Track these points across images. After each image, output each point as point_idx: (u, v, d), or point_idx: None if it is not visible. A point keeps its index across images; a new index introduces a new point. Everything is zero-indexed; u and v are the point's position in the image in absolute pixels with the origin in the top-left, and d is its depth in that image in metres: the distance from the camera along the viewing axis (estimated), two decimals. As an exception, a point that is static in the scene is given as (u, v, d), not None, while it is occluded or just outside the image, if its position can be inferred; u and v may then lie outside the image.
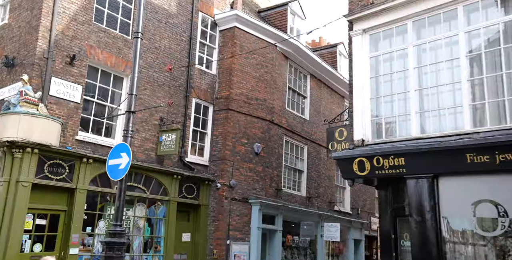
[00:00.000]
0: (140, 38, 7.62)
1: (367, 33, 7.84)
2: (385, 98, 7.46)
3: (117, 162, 6.88)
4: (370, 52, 7.78)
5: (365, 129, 7.44)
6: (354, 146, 7.41)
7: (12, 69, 10.24)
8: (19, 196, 8.73)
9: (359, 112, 7.54)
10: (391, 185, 7.22)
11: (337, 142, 8.88)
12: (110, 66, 11.14)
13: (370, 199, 21.93)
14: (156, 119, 12.07)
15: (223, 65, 14.13)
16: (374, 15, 7.69)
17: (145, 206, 11.49)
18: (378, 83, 7.61)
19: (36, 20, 9.95)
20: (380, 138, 7.35)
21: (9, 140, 8.68)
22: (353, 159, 7.11)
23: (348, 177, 7.32)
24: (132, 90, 7.43)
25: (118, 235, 6.46)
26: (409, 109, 7.11)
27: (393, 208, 7.20)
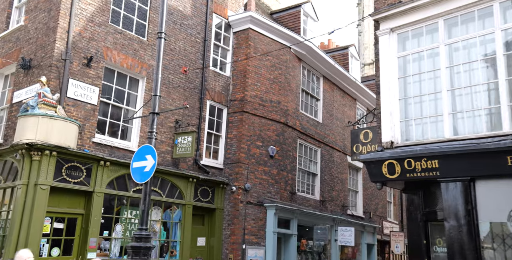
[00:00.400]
0: (163, 38, 7.47)
1: (395, 32, 7.67)
2: (415, 98, 7.28)
3: (142, 165, 6.72)
4: (398, 52, 7.61)
5: (394, 131, 7.26)
6: (383, 148, 7.23)
7: (29, 71, 10.12)
8: (38, 199, 8.58)
9: (388, 113, 7.36)
10: (421, 188, 7.02)
11: (362, 144, 8.69)
12: (126, 68, 11.01)
13: (382, 203, 21.73)
14: (171, 122, 11.93)
15: (237, 67, 14.00)
16: (402, 13, 7.52)
17: (160, 210, 11.32)
18: (407, 84, 7.43)
19: (54, 22, 9.84)
20: (410, 140, 7.17)
21: (28, 143, 8.53)
22: (383, 162, 6.93)
23: (377, 180, 7.13)
24: (155, 91, 7.28)
25: (144, 239, 6.29)
26: (441, 110, 6.92)
27: (424, 212, 7.01)
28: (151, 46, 11.73)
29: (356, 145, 8.84)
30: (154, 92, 7.27)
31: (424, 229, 6.92)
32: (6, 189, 9.38)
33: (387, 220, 22.30)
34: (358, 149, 8.78)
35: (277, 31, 14.66)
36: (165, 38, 7.57)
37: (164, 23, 7.57)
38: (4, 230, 8.92)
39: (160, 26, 7.56)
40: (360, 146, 8.75)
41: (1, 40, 11.67)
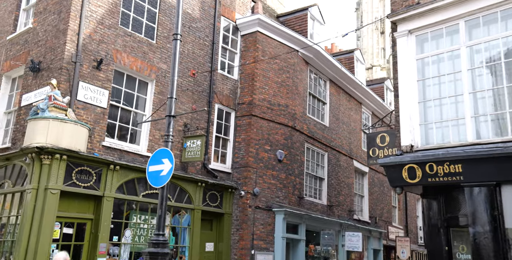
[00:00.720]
0: (179, 40, 7.35)
1: (413, 34, 7.57)
2: (435, 101, 7.16)
3: (158, 169, 6.58)
4: (416, 54, 7.50)
5: (414, 134, 7.13)
6: (402, 152, 7.10)
7: (38, 74, 9.98)
8: (48, 204, 8.41)
9: (407, 117, 7.24)
10: (442, 193, 6.89)
11: (378, 148, 8.56)
12: (135, 71, 10.88)
13: (387, 208, 21.59)
14: (180, 125, 11.79)
15: (245, 70, 13.89)
16: (420, 15, 7.42)
17: (169, 215, 11.15)
18: (426, 86, 7.32)
19: (64, 24, 9.71)
20: (431, 143, 7.04)
21: (38, 146, 8.38)
22: (403, 166, 6.80)
23: (396, 185, 6.99)
24: (171, 94, 7.14)
25: (162, 245, 6.14)
26: (462, 113, 6.81)
27: (446, 218, 6.87)
28: (160, 49, 11.61)
29: (372, 149, 8.71)
30: (170, 95, 7.13)
31: (445, 235, 6.77)
32: (15, 194, 9.21)
33: (392, 225, 22.14)
34: (374, 153, 8.65)
35: (285, 34, 14.57)
36: (180, 40, 7.45)
37: (180, 25, 7.47)
38: (13, 235, 8.75)
39: (176, 27, 7.46)
40: (376, 150, 8.62)
41: (8, 43, 11.54)
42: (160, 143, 11.14)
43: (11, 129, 10.60)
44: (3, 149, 10.20)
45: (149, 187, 10.57)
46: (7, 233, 8.96)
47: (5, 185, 9.55)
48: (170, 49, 11.87)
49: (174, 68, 7.22)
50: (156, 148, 11.00)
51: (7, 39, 11.61)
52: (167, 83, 11.63)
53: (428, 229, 7.20)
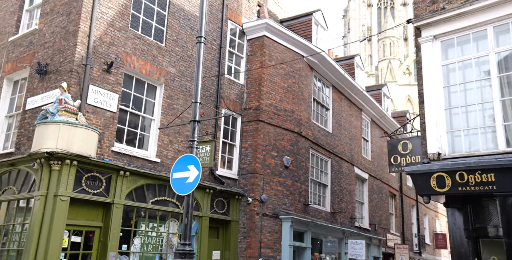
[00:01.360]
0: (203, 43, 7.14)
1: (438, 40, 7.47)
2: (462, 108, 7.05)
3: (183, 176, 6.33)
4: (442, 60, 7.40)
5: (441, 142, 7.00)
6: (429, 160, 6.96)
7: (45, 77, 9.65)
8: (58, 211, 8.07)
9: (433, 124, 7.12)
10: (470, 203, 6.75)
11: (400, 155, 8.42)
12: (145, 74, 10.62)
13: (385, 215, 21.51)
14: (188, 130, 11.52)
15: (251, 75, 13.70)
16: (446, 20, 7.33)
17: (177, 222, 10.85)
18: (452, 93, 7.21)
19: (74, 25, 9.42)
20: (458, 151, 6.92)
21: (48, 151, 8.05)
22: (431, 174, 6.65)
23: (424, 194, 6.84)
24: (196, 98, 6.92)
25: (188, 255, 5.89)
26: (491, 120, 6.70)
27: (475, 228, 6.73)
28: (169, 52, 11.37)
29: (394, 156, 8.57)
30: (195, 99, 6.91)
31: (474, 246, 6.63)
32: (20, 201, 8.84)
33: (390, 232, 22.07)
34: (396, 161, 8.51)
35: (291, 39, 14.44)
36: (204, 43, 7.23)
37: (203, 27, 7.27)
38: (19, 244, 8.37)
39: (200, 30, 7.27)
40: (398, 158, 8.48)
41: (10, 44, 11.18)
42: (168, 148, 10.87)
43: (14, 134, 10.23)
44: (5, 154, 9.81)
45: (158, 194, 10.29)
46: (12, 242, 8.57)
47: (9, 192, 9.16)
48: (179, 53, 11.64)
49: (198, 72, 7.00)
50: (165, 153, 10.73)
51: (9, 40, 11.24)
52: (176, 87, 11.39)
53: (454, 239, 7.05)
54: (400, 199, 23.87)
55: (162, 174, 10.22)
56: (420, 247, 25.92)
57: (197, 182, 6.22)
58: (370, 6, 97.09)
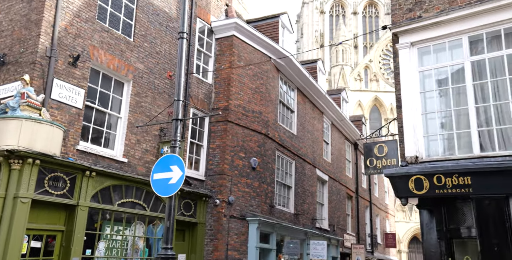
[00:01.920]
0: (185, 38, 6.87)
1: (415, 47, 7.63)
2: (438, 113, 7.23)
3: (165, 176, 6.03)
4: (419, 66, 7.56)
5: (418, 146, 7.15)
6: (407, 163, 7.08)
7: (2, 68, 8.94)
8: (18, 214, 7.46)
9: (411, 128, 7.25)
10: (444, 204, 6.93)
11: (376, 158, 8.52)
12: (112, 70, 10.12)
13: (342, 216, 21.92)
14: (156, 130, 11.13)
15: (220, 75, 13.47)
16: (423, 28, 7.51)
17: (143, 225, 10.42)
18: (429, 98, 7.38)
19: (37, 14, 8.80)
20: (435, 155, 7.09)
21: (8, 149, 7.43)
22: (409, 177, 6.77)
23: (402, 196, 6.94)
24: (178, 96, 6.64)
25: (171, 259, 5.59)
26: (466, 125, 6.91)
27: (448, 229, 6.91)
28: (138, 48, 10.92)
29: (370, 159, 8.66)
30: (177, 97, 6.62)
31: (448, 246, 6.80)
32: (-26, 202, 8.10)
33: (347, 233, 22.52)
34: (372, 163, 8.61)
35: (260, 40, 14.36)
36: (186, 39, 6.96)
37: (186, 21, 6.97)
38: (-27, 251, 7.66)
39: (182, 25, 6.96)
40: (374, 160, 8.58)
41: (-39, 31, 10.28)
42: (136, 148, 10.43)
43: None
44: (-43, 151, 8.99)
45: (125, 195, 9.83)
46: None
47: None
48: (147, 49, 11.22)
49: (181, 68, 6.73)
50: (132, 153, 10.29)
51: (-40, 27, 10.35)
52: (144, 84, 10.97)
53: (426, 240, 7.21)
54: (356, 200, 24.43)
55: (129, 175, 9.78)
56: (373, 247, 26.69)
57: (181, 183, 5.96)
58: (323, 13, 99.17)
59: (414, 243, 61.02)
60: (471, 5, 7.08)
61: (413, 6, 7.78)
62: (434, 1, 7.53)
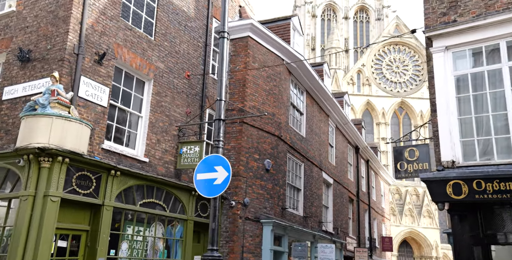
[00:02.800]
0: (226, 38, 6.80)
1: (450, 50, 7.67)
2: (476, 118, 7.27)
3: (210, 177, 5.95)
4: (454, 70, 7.60)
5: (455, 150, 7.17)
6: (444, 167, 7.10)
7: (27, 64, 8.78)
8: (48, 213, 7.31)
9: (447, 132, 7.27)
10: (481, 210, 6.95)
11: (407, 162, 8.53)
12: (135, 68, 10.01)
13: (345, 219, 21.96)
14: (175, 130, 11.02)
15: (235, 76, 13.41)
16: (459, 32, 7.55)
17: (162, 226, 10.30)
18: (466, 103, 7.41)
19: (65, 11, 8.66)
20: (473, 160, 7.12)
21: (40, 147, 7.28)
22: (447, 182, 6.77)
23: (439, 200, 6.94)
24: (220, 95, 6.56)
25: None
26: (506, 130, 6.95)
27: (486, 234, 6.93)
28: (158, 47, 10.82)
29: (400, 163, 8.67)
30: (219, 97, 6.55)
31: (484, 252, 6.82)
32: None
33: (349, 236, 22.57)
34: (403, 167, 8.61)
35: (273, 42, 14.33)
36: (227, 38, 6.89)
37: (227, 21, 6.91)
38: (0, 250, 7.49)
39: (223, 24, 6.90)
40: (405, 164, 8.59)
41: (-20, 26, 10.07)
42: (156, 148, 10.31)
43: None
44: (-22, 148, 8.79)
45: (146, 196, 9.70)
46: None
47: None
48: (167, 48, 11.12)
49: (222, 68, 6.66)
50: (152, 153, 10.17)
51: (-21, 22, 10.14)
52: (164, 84, 10.86)
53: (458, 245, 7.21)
54: (357, 203, 24.51)
55: (151, 175, 9.66)
56: (372, 250, 26.79)
57: (227, 184, 5.88)
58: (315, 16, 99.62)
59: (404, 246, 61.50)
60: (509, 9, 7.14)
61: (447, 10, 7.82)
62: (469, 6, 7.58)
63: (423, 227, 60.86)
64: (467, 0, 7.63)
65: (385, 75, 72.49)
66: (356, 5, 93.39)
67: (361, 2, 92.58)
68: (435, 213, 62.17)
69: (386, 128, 69.95)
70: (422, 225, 61.08)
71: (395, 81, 72.35)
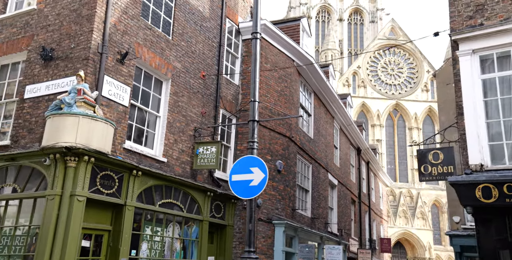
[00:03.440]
0: (259, 39, 6.80)
1: (476, 54, 7.74)
2: (505, 122, 7.33)
3: (245, 178, 5.96)
4: (481, 74, 7.67)
5: (483, 154, 7.23)
6: (472, 171, 7.15)
7: (50, 63, 8.70)
8: (75, 213, 7.25)
9: (475, 136, 7.33)
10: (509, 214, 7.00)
11: (431, 165, 8.57)
12: (154, 68, 9.97)
13: (348, 220, 22.04)
14: (191, 130, 10.99)
15: (247, 76, 13.40)
16: (486, 36, 7.62)
17: (179, 226, 10.25)
18: (493, 106, 7.48)
19: (89, 9, 8.60)
20: (502, 164, 7.17)
21: (67, 146, 7.22)
22: (476, 185, 6.83)
23: (468, 204, 7.00)
24: (254, 97, 6.57)
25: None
26: (533, 134, 7.03)
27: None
28: (176, 46, 10.78)
29: (424, 166, 8.70)
30: (253, 98, 6.56)
31: (511, 257, 6.88)
32: (23, 200, 7.85)
33: (351, 237, 22.66)
34: (427, 170, 8.66)
35: (285, 43, 14.36)
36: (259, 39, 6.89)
37: (259, 21, 6.91)
38: (25, 249, 7.40)
39: (255, 26, 6.89)
40: (429, 167, 8.63)
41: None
42: (174, 148, 10.27)
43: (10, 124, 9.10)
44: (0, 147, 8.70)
45: (165, 196, 9.66)
46: (13, 247, 7.56)
47: (7, 190, 8.10)
48: (184, 48, 11.08)
49: (256, 68, 6.66)
50: (170, 153, 10.13)
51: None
52: (181, 84, 10.82)
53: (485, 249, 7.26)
54: (359, 205, 24.61)
55: (170, 175, 9.62)
56: (372, 251, 26.92)
57: (263, 186, 5.89)
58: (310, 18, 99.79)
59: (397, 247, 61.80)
60: (538, 15, 7.23)
61: (474, 13, 7.90)
62: (497, 9, 7.66)
63: (416, 229, 61.22)
64: (494, 4, 7.70)
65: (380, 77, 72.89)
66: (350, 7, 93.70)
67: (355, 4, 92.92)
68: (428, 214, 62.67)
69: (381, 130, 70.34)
70: (416, 227, 61.45)
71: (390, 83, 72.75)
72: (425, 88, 71.00)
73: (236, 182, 6.06)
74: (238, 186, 6.03)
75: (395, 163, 68.78)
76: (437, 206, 65.72)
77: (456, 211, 17.88)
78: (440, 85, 20.53)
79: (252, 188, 5.92)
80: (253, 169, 6.00)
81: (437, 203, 65.40)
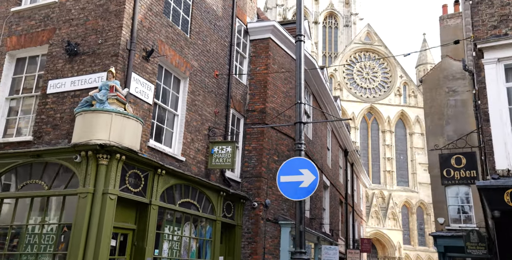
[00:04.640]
0: (303, 41, 6.86)
1: (501, 62, 8.05)
2: (530, 128, 7.65)
3: (295, 180, 6.00)
4: (506, 82, 7.99)
5: (509, 159, 7.52)
6: (499, 176, 7.44)
7: (75, 58, 8.49)
8: (107, 211, 7.12)
9: (501, 142, 7.62)
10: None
11: (453, 169, 8.82)
12: (174, 66, 9.88)
13: (337, 221, 22.37)
14: (205, 129, 10.94)
15: (255, 77, 13.45)
16: (510, 46, 7.94)
17: (194, 226, 10.19)
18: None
19: (117, 5, 8.45)
20: (526, 169, 7.48)
21: (100, 144, 7.08)
22: (505, 190, 7.11)
23: (496, 208, 7.27)
24: (299, 98, 6.62)
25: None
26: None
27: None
28: (193, 45, 10.72)
29: (446, 170, 8.95)
30: (298, 99, 6.61)
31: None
32: (50, 198, 7.63)
33: (339, 238, 23.02)
34: (449, 174, 8.91)
35: (291, 45, 14.46)
36: (304, 41, 6.95)
37: (302, 23, 6.97)
38: (55, 247, 7.20)
39: (299, 28, 6.95)
40: (451, 171, 8.88)
41: (13, 16, 9.65)
42: (191, 147, 10.20)
43: (22, 119, 8.83)
44: (18, 143, 8.41)
45: (184, 195, 9.59)
46: (42, 245, 7.34)
47: (33, 187, 7.85)
48: (200, 46, 11.03)
49: (300, 70, 6.72)
50: (188, 152, 10.07)
51: (11, 10, 9.71)
52: (197, 83, 10.76)
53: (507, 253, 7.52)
54: (346, 206, 25.02)
55: (189, 174, 9.56)
56: (357, 252, 27.39)
57: (314, 188, 5.96)
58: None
59: (369, 248, 63.13)
60: (562, 27, 7.59)
61: (498, 23, 8.22)
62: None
63: (387, 229, 62.59)
64: (518, 15, 8.04)
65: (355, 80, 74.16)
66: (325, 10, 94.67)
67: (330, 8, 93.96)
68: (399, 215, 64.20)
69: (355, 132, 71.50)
70: (387, 227, 62.82)
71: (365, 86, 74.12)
72: (398, 93, 72.74)
73: (285, 183, 6.09)
74: (287, 187, 6.06)
75: (369, 165, 70.08)
76: (407, 207, 67.38)
77: (440, 213, 18.44)
78: (426, 90, 21.09)
79: (302, 189, 5.97)
80: (303, 171, 6.06)
81: (407, 204, 67.05)
